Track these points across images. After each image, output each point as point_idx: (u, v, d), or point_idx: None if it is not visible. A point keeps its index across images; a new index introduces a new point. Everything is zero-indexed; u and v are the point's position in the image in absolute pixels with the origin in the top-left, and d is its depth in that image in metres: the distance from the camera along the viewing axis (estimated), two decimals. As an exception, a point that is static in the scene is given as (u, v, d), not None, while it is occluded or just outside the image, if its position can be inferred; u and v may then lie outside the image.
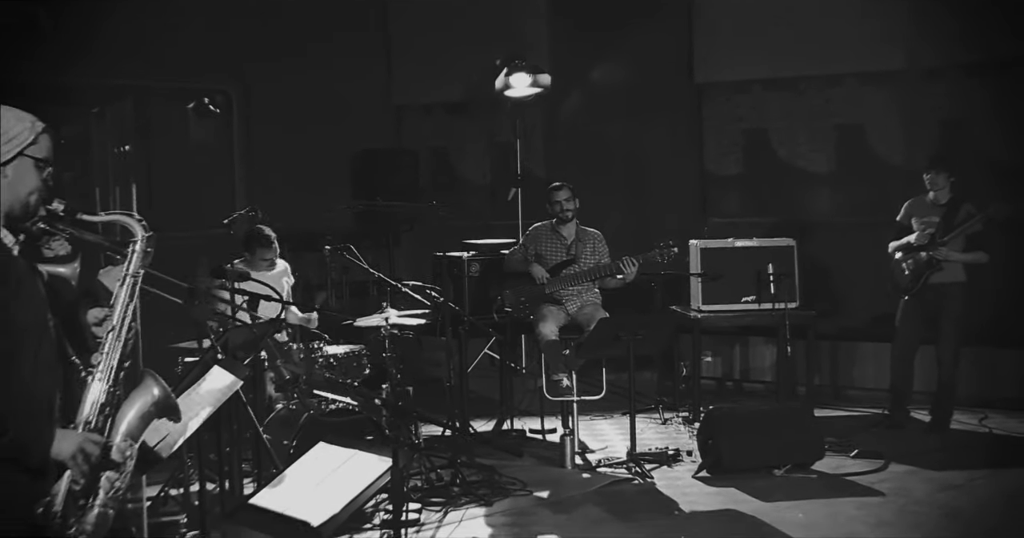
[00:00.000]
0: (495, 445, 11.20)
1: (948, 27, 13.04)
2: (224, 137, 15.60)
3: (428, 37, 16.67)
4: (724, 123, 15.17)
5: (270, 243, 10.59)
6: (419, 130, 17.26)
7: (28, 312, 4.63)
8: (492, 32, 15.60)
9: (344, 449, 5.83)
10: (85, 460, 4.60)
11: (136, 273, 5.07)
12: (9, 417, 4.45)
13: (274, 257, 10.67)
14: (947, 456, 10.92)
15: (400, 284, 10.55)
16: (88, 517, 4.74)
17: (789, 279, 12.62)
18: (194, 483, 9.04)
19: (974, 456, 10.97)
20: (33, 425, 4.54)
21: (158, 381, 5.02)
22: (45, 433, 4.55)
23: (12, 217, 4.69)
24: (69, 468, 4.59)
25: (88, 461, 4.62)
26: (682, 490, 10.15)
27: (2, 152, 4.60)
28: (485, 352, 13.98)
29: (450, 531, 9.12)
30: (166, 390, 5.02)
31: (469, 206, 16.22)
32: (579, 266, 11.57)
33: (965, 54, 13.12)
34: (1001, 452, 11.19)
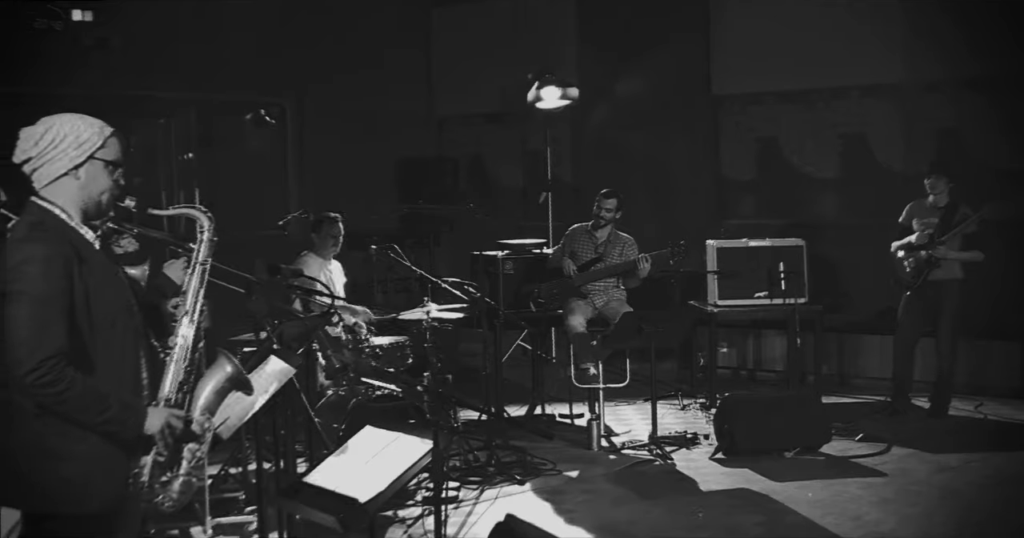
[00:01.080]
0: (527, 429, 11.20)
1: (944, 43, 13.02)
2: (279, 146, 15.64)
3: (466, 54, 16.70)
4: (739, 132, 15.14)
5: (336, 220, 10.65)
6: (458, 139, 17.27)
7: (115, 299, 4.74)
8: (525, 49, 15.59)
9: (389, 432, 5.82)
10: (170, 433, 4.71)
11: (205, 261, 5.14)
12: (112, 395, 4.52)
13: (340, 235, 10.71)
14: (945, 440, 10.92)
15: (440, 281, 10.58)
16: (174, 485, 4.84)
17: (798, 276, 12.61)
18: (252, 463, 9.11)
19: (970, 440, 10.97)
20: (131, 402, 4.66)
21: (231, 359, 5.09)
22: (139, 409, 4.65)
23: (87, 215, 4.78)
24: (156, 441, 4.68)
25: (173, 434, 4.73)
26: (700, 471, 10.17)
27: (74, 156, 4.67)
28: (518, 343, 13.97)
29: (486, 508, 9.16)
30: (238, 367, 5.09)
31: (503, 209, 16.19)
32: (604, 263, 11.57)
33: (961, 68, 13.08)
34: (995, 437, 11.16)
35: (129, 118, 14.16)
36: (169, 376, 4.87)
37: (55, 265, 4.47)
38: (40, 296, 4.41)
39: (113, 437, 4.60)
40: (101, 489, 4.65)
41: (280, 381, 6.19)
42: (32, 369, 4.32)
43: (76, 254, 4.56)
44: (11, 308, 4.40)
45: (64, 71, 12.72)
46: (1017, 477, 9.85)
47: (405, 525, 8.70)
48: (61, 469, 4.56)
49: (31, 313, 4.39)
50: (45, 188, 4.70)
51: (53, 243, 4.53)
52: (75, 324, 4.51)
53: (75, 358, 4.47)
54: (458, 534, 8.52)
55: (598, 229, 11.72)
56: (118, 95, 13.40)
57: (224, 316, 9.18)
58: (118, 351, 4.72)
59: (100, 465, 4.62)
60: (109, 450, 4.62)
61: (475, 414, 11.65)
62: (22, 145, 4.68)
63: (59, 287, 4.46)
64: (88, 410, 4.47)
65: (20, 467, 4.61)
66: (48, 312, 4.41)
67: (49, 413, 4.48)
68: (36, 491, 4.60)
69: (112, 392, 4.58)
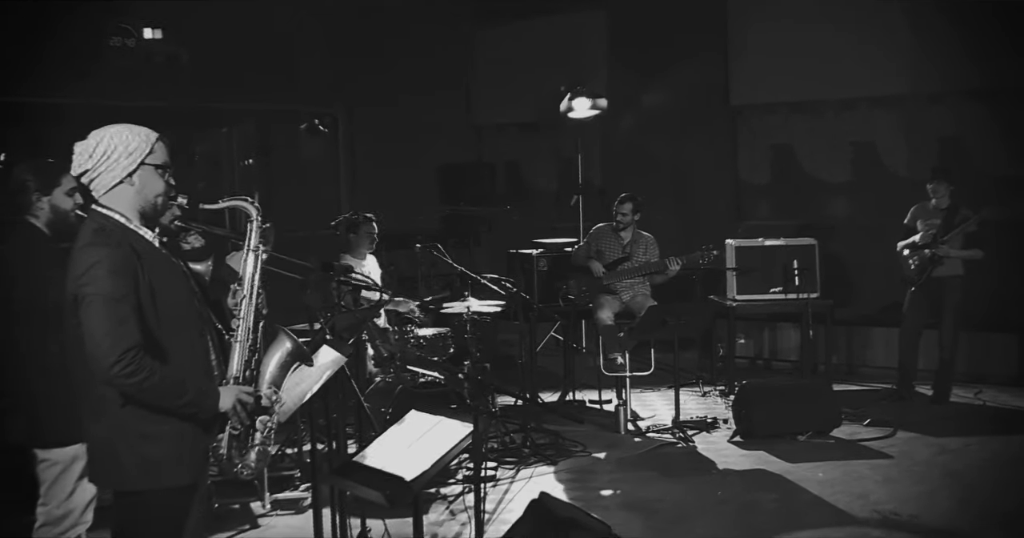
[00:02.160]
0: (560, 413, 11.19)
1: (946, 59, 13.00)
2: (331, 153, 15.66)
3: (503, 68, 16.70)
4: (755, 140, 15.11)
5: (371, 220, 10.68)
6: (495, 146, 17.26)
7: (179, 291, 4.79)
8: (558, 63, 15.59)
9: (432, 416, 5.83)
10: (243, 409, 4.77)
11: (256, 247, 5.15)
12: (187, 380, 4.57)
13: (375, 233, 10.74)
14: (946, 425, 10.88)
15: (479, 277, 10.61)
16: (251, 455, 4.92)
17: (811, 273, 12.58)
18: (306, 444, 9.20)
19: (970, 425, 10.94)
20: (204, 386, 4.72)
21: (289, 335, 5.13)
22: (211, 391, 4.69)
23: (145, 217, 4.81)
24: (230, 417, 4.75)
25: (245, 409, 4.78)
26: (719, 452, 10.18)
27: (127, 164, 4.71)
28: (551, 334, 13.98)
29: (521, 486, 9.18)
30: (296, 341, 5.14)
31: (538, 210, 16.19)
32: (632, 263, 11.58)
33: (961, 81, 13.06)
34: (994, 422, 11.14)
35: (195, 128, 14.25)
36: (235, 357, 4.92)
37: (120, 266, 4.51)
38: (112, 295, 4.44)
39: (192, 418, 4.66)
40: (187, 464, 4.72)
41: (332, 369, 6.21)
42: (114, 362, 4.37)
43: (137, 254, 4.60)
44: (87, 309, 4.44)
45: (137, 85, 12.81)
46: (1014, 459, 9.84)
47: (447, 502, 8.72)
48: (149, 450, 4.62)
49: (106, 312, 4.42)
50: (104, 196, 4.74)
51: (115, 246, 4.56)
52: (145, 318, 4.55)
53: (150, 348, 4.52)
54: (495, 510, 8.54)
55: (621, 231, 11.73)
56: (185, 107, 13.48)
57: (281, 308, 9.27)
58: (187, 338, 4.77)
59: (183, 443, 4.69)
60: (190, 429, 4.68)
61: (512, 400, 11.65)
62: (78, 159, 4.71)
63: (127, 286, 4.50)
64: (167, 396, 4.54)
65: (113, 451, 4.67)
66: (121, 309, 4.45)
67: (133, 401, 4.55)
68: (129, 472, 4.66)
69: (187, 377, 4.64)
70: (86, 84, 12.52)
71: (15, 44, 12.11)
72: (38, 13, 12.19)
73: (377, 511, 6.89)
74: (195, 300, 4.89)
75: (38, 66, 12.36)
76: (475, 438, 5.68)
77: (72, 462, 5.81)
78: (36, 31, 12.24)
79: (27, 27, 12.15)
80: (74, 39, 12.63)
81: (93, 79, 12.62)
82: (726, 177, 15.21)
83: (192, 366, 4.75)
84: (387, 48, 15.11)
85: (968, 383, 12.40)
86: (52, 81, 12.45)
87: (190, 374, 4.68)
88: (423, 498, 6.45)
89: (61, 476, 5.70)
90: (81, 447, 5.49)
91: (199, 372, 4.78)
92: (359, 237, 10.72)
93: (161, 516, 4.74)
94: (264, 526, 8.31)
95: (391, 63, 15.17)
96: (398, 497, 5.36)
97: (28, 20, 12.13)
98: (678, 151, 15.01)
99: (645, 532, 7.96)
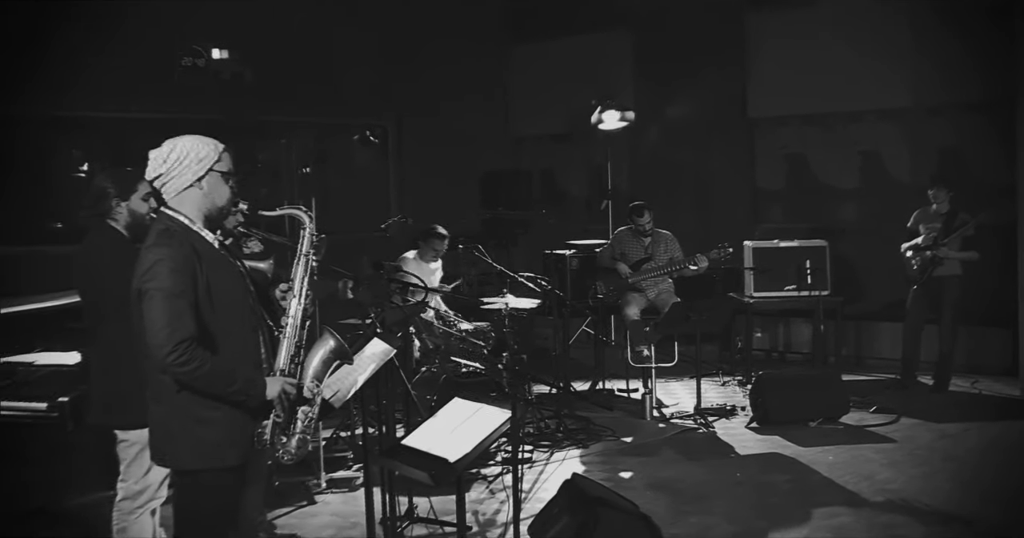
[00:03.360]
0: (590, 401, 11.21)
1: (945, 75, 12.99)
2: (381, 161, 15.70)
3: (539, 83, 16.70)
4: (771, 149, 15.07)
5: (444, 238, 10.73)
6: (532, 155, 17.25)
7: (233, 289, 4.85)
8: (589, 79, 15.58)
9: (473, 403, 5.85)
10: (286, 398, 4.83)
11: (308, 253, 5.21)
12: (237, 370, 4.64)
13: (442, 250, 10.80)
14: (946, 412, 10.90)
15: (517, 275, 10.65)
16: (292, 442, 4.96)
17: (822, 272, 12.61)
18: (359, 428, 9.24)
19: (968, 412, 10.94)
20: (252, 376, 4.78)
21: (333, 335, 5.18)
22: (259, 381, 4.74)
23: (210, 220, 4.89)
24: (274, 406, 4.80)
25: (288, 399, 4.84)
26: (737, 437, 10.20)
27: (196, 170, 4.79)
28: (583, 328, 13.98)
29: (555, 467, 9.24)
30: (340, 340, 5.18)
31: (570, 214, 16.19)
32: (655, 262, 11.59)
33: (959, 96, 13.02)
34: (989, 409, 11.11)
35: (257, 139, 14.30)
36: (283, 351, 4.97)
37: (181, 265, 4.59)
38: (171, 291, 4.53)
39: (240, 405, 4.72)
40: (235, 447, 4.78)
41: (382, 360, 6.25)
42: (170, 352, 4.45)
43: (197, 254, 4.68)
44: (149, 303, 4.53)
45: (205, 100, 12.89)
46: (1007, 443, 9.84)
47: (487, 481, 8.80)
48: (203, 433, 4.70)
49: (165, 306, 4.50)
50: (173, 199, 4.82)
51: (178, 246, 4.64)
52: (201, 312, 4.63)
53: (204, 340, 4.60)
54: (531, 489, 8.58)
55: (643, 234, 11.74)
56: (249, 120, 13.57)
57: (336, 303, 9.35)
58: (239, 332, 4.84)
59: (234, 427, 4.76)
60: (240, 415, 4.75)
61: (546, 388, 11.72)
62: (152, 164, 4.79)
63: (185, 283, 4.58)
64: (217, 384, 4.61)
65: (170, 433, 4.76)
66: (179, 304, 4.53)
67: (187, 388, 4.63)
68: (184, 451, 4.75)
69: (237, 367, 4.71)
70: (160, 100, 12.67)
71: (96, 65, 12.25)
72: (119, 38, 12.31)
73: (423, 489, 6.95)
74: (249, 298, 4.95)
75: (118, 84, 12.52)
76: (513, 423, 5.71)
77: (148, 442, 5.89)
78: (116, 53, 12.36)
79: (108, 51, 12.28)
80: (149, 59, 12.74)
81: (166, 95, 12.74)
82: (744, 183, 15.18)
83: (243, 357, 4.82)
84: (432, 65, 15.13)
85: (966, 373, 12.37)
86: (129, 98, 12.63)
87: (240, 365, 4.76)
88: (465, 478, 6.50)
89: (139, 455, 5.77)
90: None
91: (249, 363, 4.85)
92: (426, 245, 10.79)
93: (214, 493, 4.83)
94: (320, 502, 8.41)
95: (436, 79, 15.19)
96: (442, 477, 5.40)
97: (109, 44, 12.26)
98: (700, 160, 14.99)
99: (669, 510, 7.99)
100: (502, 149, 17.01)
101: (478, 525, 7.78)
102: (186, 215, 4.80)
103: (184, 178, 4.78)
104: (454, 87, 15.45)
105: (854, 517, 7.75)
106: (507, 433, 5.78)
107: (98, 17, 12.07)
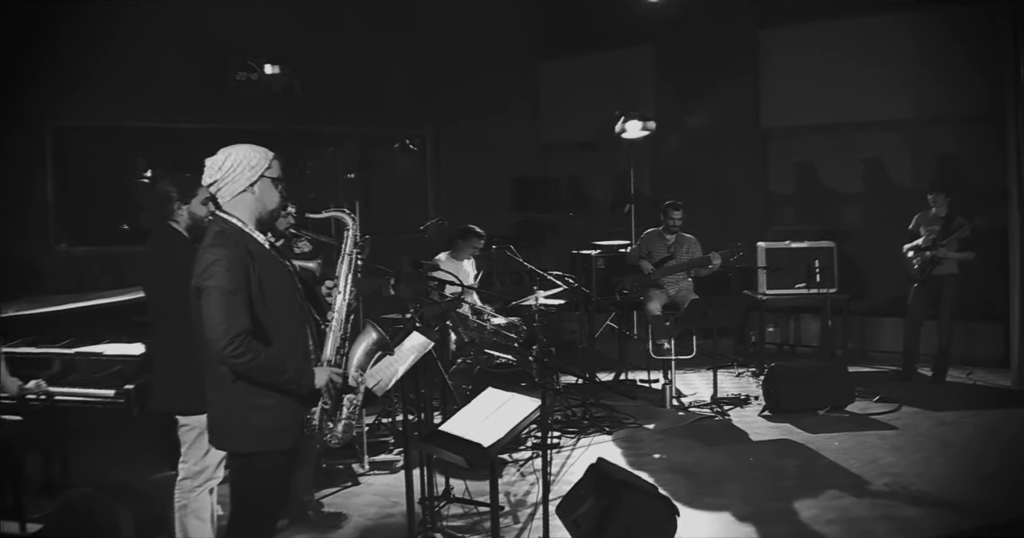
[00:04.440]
0: (614, 390, 11.19)
1: (944, 88, 13.02)
2: (420, 168, 15.68)
3: (566, 95, 16.68)
4: (782, 157, 15.06)
5: (481, 237, 10.73)
6: (560, 162, 17.21)
7: (283, 286, 4.89)
8: (613, 91, 15.54)
9: (506, 392, 5.87)
10: (333, 387, 4.88)
11: (351, 252, 5.27)
12: (287, 361, 4.69)
13: (479, 249, 10.79)
14: (944, 401, 10.88)
15: (546, 273, 10.66)
16: (338, 427, 5.02)
17: (830, 271, 12.64)
18: (399, 414, 9.28)
19: (963, 401, 10.94)
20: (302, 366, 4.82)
21: (376, 328, 5.22)
22: (308, 371, 4.79)
23: (261, 222, 4.93)
24: (322, 394, 4.86)
25: (335, 388, 4.89)
26: (751, 424, 10.21)
27: (249, 176, 4.83)
28: (607, 323, 13.99)
29: (581, 452, 9.25)
30: (382, 333, 5.22)
31: (596, 217, 16.18)
32: (676, 261, 11.59)
33: (956, 108, 13.03)
34: (983, 398, 11.10)
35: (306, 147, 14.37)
36: (329, 343, 5.02)
37: (235, 264, 4.63)
38: (227, 288, 4.58)
39: (291, 393, 4.77)
40: (286, 432, 4.83)
41: (421, 352, 6.27)
42: (227, 344, 4.51)
43: (250, 254, 4.72)
44: (207, 300, 4.59)
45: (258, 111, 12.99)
46: (999, 429, 9.83)
47: (518, 465, 8.84)
48: (255, 419, 4.75)
49: (221, 302, 4.56)
50: (227, 203, 4.87)
51: (232, 247, 4.69)
52: (254, 308, 4.68)
53: (257, 334, 4.65)
54: (559, 473, 8.60)
55: (668, 232, 11.74)
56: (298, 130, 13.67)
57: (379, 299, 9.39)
58: (289, 326, 4.87)
59: (283, 414, 4.80)
60: (290, 402, 4.80)
61: (573, 379, 11.72)
62: (208, 171, 4.85)
63: (240, 281, 4.63)
64: (270, 373, 4.66)
65: (226, 419, 4.82)
66: (234, 300, 4.58)
67: (242, 378, 4.68)
68: (239, 436, 4.81)
69: (287, 358, 4.75)
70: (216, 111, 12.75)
71: (160, 79, 12.35)
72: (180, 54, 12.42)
73: (459, 472, 6.95)
74: (297, 295, 4.98)
75: (178, 97, 12.61)
76: (542, 411, 5.73)
77: (206, 427, 5.94)
78: (177, 68, 12.47)
79: (171, 66, 12.39)
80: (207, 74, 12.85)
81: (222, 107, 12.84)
82: (757, 188, 15.16)
83: (292, 349, 4.86)
84: (468, 79, 15.14)
85: (962, 365, 12.34)
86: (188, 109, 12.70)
87: (290, 356, 4.79)
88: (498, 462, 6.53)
89: (198, 438, 5.81)
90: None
91: (298, 355, 4.88)
92: (464, 244, 10.78)
93: (266, 474, 4.88)
94: (364, 483, 8.46)
95: (471, 92, 15.19)
96: (477, 460, 5.42)
97: (171, 60, 12.37)
98: (716, 166, 14.95)
99: (687, 492, 7.99)
100: (532, 156, 16.98)
101: (510, 505, 7.81)
102: (239, 218, 4.85)
103: (238, 184, 4.83)
104: (488, 99, 15.45)
105: (858, 498, 7.75)
106: (537, 420, 5.79)
107: (159, 36, 12.17)
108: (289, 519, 7.38)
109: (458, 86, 15.15)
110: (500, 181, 15.89)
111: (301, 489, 7.48)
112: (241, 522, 4.98)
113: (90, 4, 11.48)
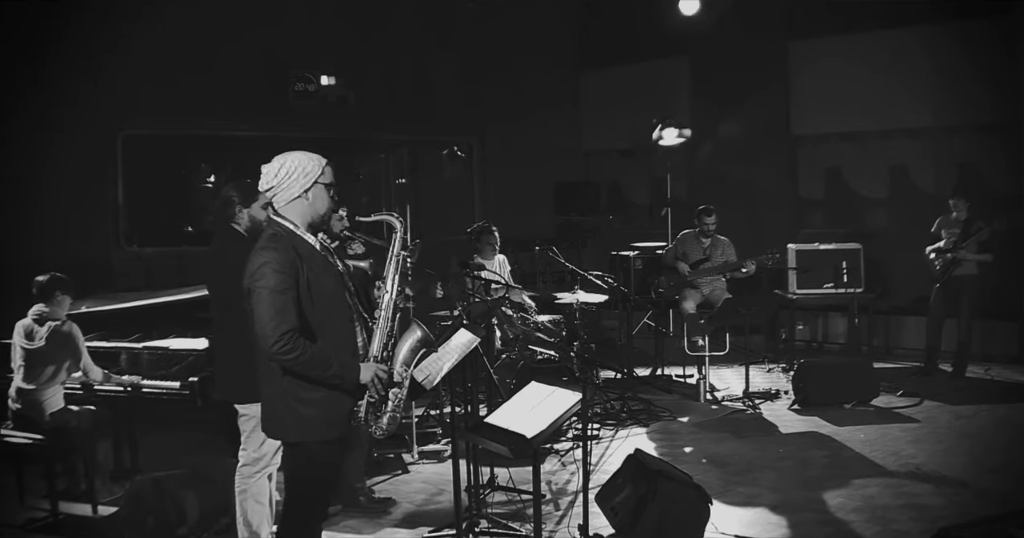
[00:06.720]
0: (651, 385, 11.21)
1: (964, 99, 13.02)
2: (467, 173, 15.76)
3: (606, 104, 16.71)
4: (812, 163, 15.03)
5: (492, 231, 10.70)
6: (600, 168, 17.22)
7: (332, 286, 4.90)
8: (650, 100, 15.54)
9: (548, 386, 5.86)
10: (379, 382, 4.88)
11: (399, 254, 5.24)
12: (333, 357, 4.71)
13: (495, 244, 10.74)
14: (963, 395, 10.81)
15: (587, 273, 10.66)
16: (384, 419, 5.02)
17: (856, 272, 12.62)
18: (447, 407, 9.32)
19: (982, 395, 10.86)
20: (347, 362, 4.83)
21: (421, 326, 5.22)
22: (354, 366, 4.81)
23: (312, 226, 4.94)
24: (368, 388, 4.86)
25: (380, 382, 4.89)
26: (781, 418, 10.17)
27: (303, 182, 4.85)
28: (645, 321, 13.97)
29: (620, 443, 9.25)
30: (426, 331, 5.22)
31: (634, 220, 16.20)
32: (711, 263, 11.54)
33: (975, 118, 13.03)
34: (1001, 393, 11.03)
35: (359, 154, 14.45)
36: (376, 340, 5.02)
37: (285, 266, 4.67)
38: (277, 288, 4.61)
39: (336, 387, 4.78)
40: (334, 423, 4.86)
41: (468, 347, 6.28)
42: (275, 341, 4.54)
43: (299, 256, 4.75)
44: (257, 299, 4.63)
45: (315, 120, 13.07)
46: (1017, 423, 9.79)
47: (559, 455, 8.85)
48: (303, 410, 4.78)
49: (271, 301, 4.59)
50: (283, 208, 4.88)
51: (283, 250, 4.72)
52: (302, 307, 4.71)
53: (305, 331, 4.68)
54: (598, 463, 8.60)
55: (704, 237, 11.69)
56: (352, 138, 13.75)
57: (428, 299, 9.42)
58: (337, 324, 4.89)
59: (330, 406, 4.83)
60: (337, 396, 4.82)
61: (612, 374, 11.73)
62: (264, 178, 4.87)
63: (289, 282, 4.66)
64: (316, 369, 4.67)
65: (277, 410, 4.85)
66: (283, 300, 4.61)
67: (290, 372, 4.71)
68: (289, 426, 4.84)
69: (334, 354, 4.75)
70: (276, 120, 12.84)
71: (224, 90, 12.45)
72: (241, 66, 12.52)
73: (503, 461, 6.95)
74: (346, 294, 4.99)
75: (240, 107, 12.71)
76: (583, 404, 5.73)
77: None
78: (239, 80, 12.57)
79: (233, 78, 12.49)
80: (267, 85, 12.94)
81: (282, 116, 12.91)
82: (788, 193, 15.11)
83: (339, 346, 4.86)
84: (512, 89, 15.18)
85: (980, 362, 12.27)
86: (249, 118, 12.79)
87: (337, 352, 4.79)
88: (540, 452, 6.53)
89: (256, 428, 5.83)
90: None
91: (345, 351, 4.88)
92: (481, 243, 10.78)
93: (316, 462, 4.91)
94: (413, 472, 8.52)
95: (516, 100, 15.24)
96: (520, 451, 5.43)
97: (233, 73, 12.47)
98: (748, 172, 14.90)
99: (720, 481, 7.99)
100: (574, 162, 17.00)
101: (551, 493, 7.82)
102: (292, 221, 4.86)
103: (292, 190, 4.84)
104: (531, 108, 15.50)
105: (882, 487, 7.71)
106: (577, 413, 5.80)
107: (224, 50, 12.28)
108: (342, 504, 7.43)
109: (503, 95, 15.20)
110: (543, 186, 15.89)
111: (353, 476, 7.52)
112: (295, 506, 5.00)
113: (160, 22, 11.61)
